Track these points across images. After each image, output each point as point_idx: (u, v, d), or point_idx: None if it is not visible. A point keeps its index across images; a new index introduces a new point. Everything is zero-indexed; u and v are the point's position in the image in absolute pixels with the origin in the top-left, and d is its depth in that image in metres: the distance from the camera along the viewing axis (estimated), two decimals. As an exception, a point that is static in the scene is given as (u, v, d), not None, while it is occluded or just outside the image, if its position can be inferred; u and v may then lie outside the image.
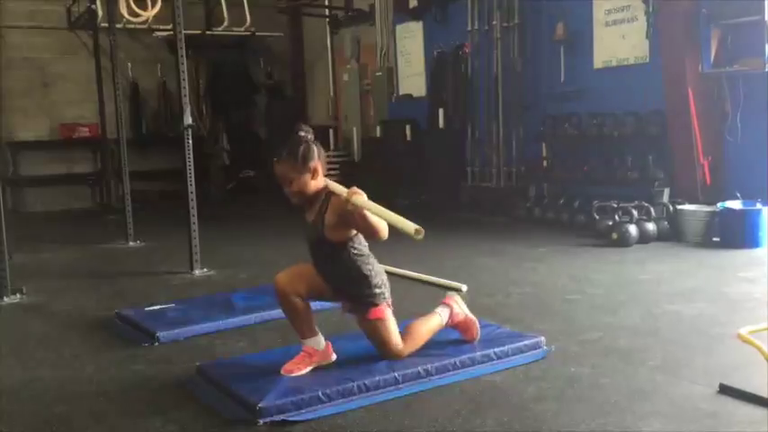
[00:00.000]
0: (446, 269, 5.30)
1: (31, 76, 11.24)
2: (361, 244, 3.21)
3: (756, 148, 6.15)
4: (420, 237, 2.72)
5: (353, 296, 3.25)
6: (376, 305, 3.21)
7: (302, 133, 3.17)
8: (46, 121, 11.44)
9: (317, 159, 3.15)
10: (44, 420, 2.92)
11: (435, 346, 3.35)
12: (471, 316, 3.49)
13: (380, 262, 3.24)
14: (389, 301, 3.28)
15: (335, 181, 3.24)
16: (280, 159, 3.15)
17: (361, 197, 2.92)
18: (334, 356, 3.27)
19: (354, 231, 3.16)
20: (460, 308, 3.48)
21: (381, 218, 2.90)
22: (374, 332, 3.23)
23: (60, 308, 4.86)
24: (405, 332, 3.29)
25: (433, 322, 3.40)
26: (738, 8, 6.01)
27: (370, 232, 3.02)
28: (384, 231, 2.96)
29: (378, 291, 3.21)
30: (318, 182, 3.17)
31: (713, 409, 2.72)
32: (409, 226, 2.76)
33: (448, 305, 3.48)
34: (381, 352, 3.24)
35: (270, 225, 8.64)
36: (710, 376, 2.99)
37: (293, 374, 3.11)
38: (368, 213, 2.91)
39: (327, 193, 3.16)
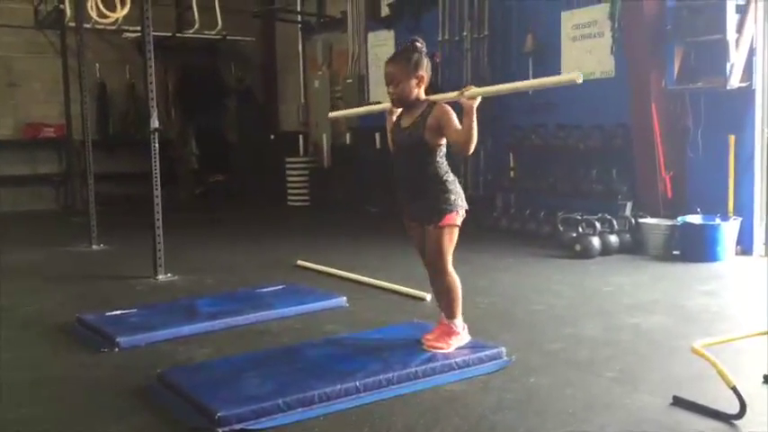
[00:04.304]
0: (413, 278, 5.31)
1: (-4, 74, 11.07)
2: (443, 157, 3.46)
3: (717, 163, 6.27)
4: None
5: (431, 201, 3.40)
6: (450, 211, 3.40)
7: (418, 43, 3.41)
8: (11, 120, 11.26)
9: (426, 71, 3.40)
10: (0, 425, 2.88)
11: (396, 354, 3.37)
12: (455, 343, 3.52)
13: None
14: (463, 210, 3.45)
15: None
16: (392, 60, 3.41)
17: (473, 90, 3.24)
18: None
19: (443, 142, 3.41)
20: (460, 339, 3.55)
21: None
22: (438, 240, 3.39)
23: (21, 311, 4.78)
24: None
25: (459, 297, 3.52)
26: (701, 27, 6.13)
27: (465, 138, 3.25)
28: (473, 143, 3.26)
29: (453, 197, 3.42)
30: (420, 92, 3.42)
31: (667, 421, 2.77)
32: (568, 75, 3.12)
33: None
34: (434, 261, 3.41)
35: (238, 230, 8.59)
36: (667, 388, 3.05)
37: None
38: (474, 120, 3.20)
39: (430, 103, 3.40)
